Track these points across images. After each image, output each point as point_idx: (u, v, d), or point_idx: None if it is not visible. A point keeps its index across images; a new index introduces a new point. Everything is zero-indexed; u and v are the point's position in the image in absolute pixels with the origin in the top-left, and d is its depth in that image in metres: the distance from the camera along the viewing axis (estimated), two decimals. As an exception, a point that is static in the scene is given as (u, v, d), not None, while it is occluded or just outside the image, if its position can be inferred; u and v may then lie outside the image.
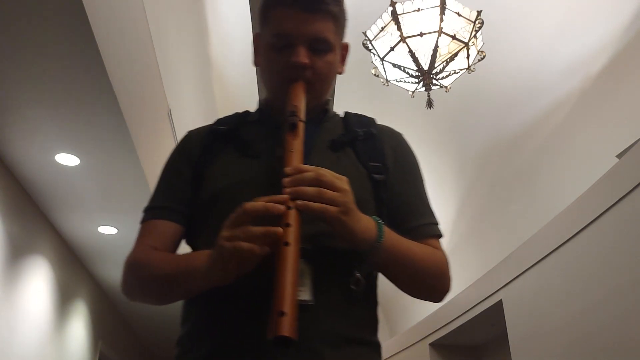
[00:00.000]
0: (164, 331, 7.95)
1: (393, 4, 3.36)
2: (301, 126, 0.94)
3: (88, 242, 4.79)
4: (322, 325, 0.87)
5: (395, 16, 3.32)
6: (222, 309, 0.89)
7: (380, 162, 1.03)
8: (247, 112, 1.16)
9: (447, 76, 3.46)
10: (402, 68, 3.42)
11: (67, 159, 3.49)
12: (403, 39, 3.31)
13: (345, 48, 1.11)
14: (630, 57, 3.50)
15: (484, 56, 3.49)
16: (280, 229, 0.78)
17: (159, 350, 9.45)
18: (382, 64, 3.49)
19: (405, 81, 3.53)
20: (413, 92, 3.61)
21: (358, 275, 0.91)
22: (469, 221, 5.39)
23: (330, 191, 0.83)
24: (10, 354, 3.85)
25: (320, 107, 1.09)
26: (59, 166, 3.56)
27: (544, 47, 4.03)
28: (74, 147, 3.37)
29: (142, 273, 0.96)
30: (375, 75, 3.66)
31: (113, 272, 5.59)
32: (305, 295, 0.85)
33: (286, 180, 0.83)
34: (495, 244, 4.77)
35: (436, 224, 1.07)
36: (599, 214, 2.64)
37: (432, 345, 4.59)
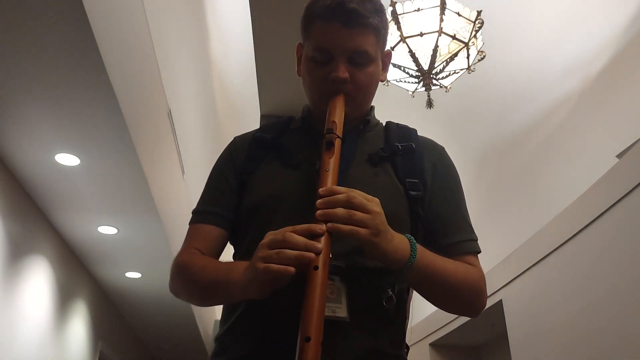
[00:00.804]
0: (164, 331, 7.95)
1: (393, 4, 3.37)
2: (338, 143, 0.95)
3: (88, 242, 4.79)
4: (354, 342, 0.90)
5: (395, 16, 3.32)
6: (261, 312, 0.93)
7: (418, 178, 1.04)
8: (290, 118, 1.18)
9: (447, 76, 3.46)
10: (402, 68, 3.43)
11: (67, 159, 3.49)
12: (403, 39, 3.32)
13: (388, 55, 1.12)
14: (630, 58, 3.50)
15: (484, 56, 3.49)
16: (312, 255, 0.80)
17: (159, 350, 9.45)
18: (382, 64, 3.49)
19: (405, 81, 3.53)
20: (413, 92, 3.61)
21: (391, 292, 0.94)
22: (469, 221, 5.39)
23: (360, 213, 0.84)
24: (11, 353, 3.85)
25: (362, 117, 1.11)
26: (59, 166, 3.56)
27: (544, 47, 4.03)
28: (74, 147, 3.37)
29: (185, 277, 1.01)
30: (375, 75, 3.66)
31: (113, 272, 5.59)
32: (342, 312, 0.88)
33: (319, 202, 0.86)
34: (495, 244, 4.77)
35: (475, 240, 1.07)
36: (599, 213, 2.64)
37: (432, 345, 4.60)
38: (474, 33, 3.34)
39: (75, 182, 3.76)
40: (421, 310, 5.37)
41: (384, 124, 1.16)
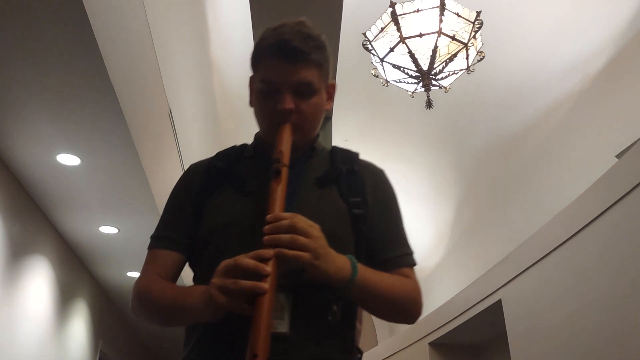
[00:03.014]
0: (164, 331, 7.95)
1: (393, 5, 3.37)
2: (285, 172, 1.03)
3: (89, 242, 4.80)
4: (296, 354, 0.98)
5: (394, 17, 3.33)
6: (216, 334, 1.01)
7: (360, 197, 1.13)
8: (244, 145, 1.24)
9: (446, 77, 3.47)
10: (401, 69, 3.43)
11: (68, 159, 3.49)
12: (402, 40, 3.32)
13: (332, 87, 1.20)
14: (629, 58, 3.51)
15: (483, 57, 3.50)
16: (266, 286, 0.88)
17: (159, 350, 9.46)
18: (382, 64, 3.50)
19: (404, 82, 3.54)
20: (412, 92, 3.62)
21: (335, 308, 1.03)
22: (469, 221, 5.40)
23: (303, 238, 0.93)
24: (11, 353, 3.86)
25: (309, 145, 1.19)
26: (59, 166, 3.56)
27: (544, 47, 4.04)
28: (75, 147, 3.38)
29: (145, 301, 1.08)
30: (375, 75, 3.67)
31: (113, 272, 5.60)
32: (283, 327, 0.97)
33: (266, 228, 0.94)
34: (495, 244, 4.77)
35: (410, 254, 1.16)
36: (598, 213, 2.65)
37: (431, 344, 4.60)
38: (473, 34, 3.35)
39: (75, 182, 3.77)
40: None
41: (329, 150, 1.24)
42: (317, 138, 1.22)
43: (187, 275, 1.15)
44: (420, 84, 3.46)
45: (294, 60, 1.07)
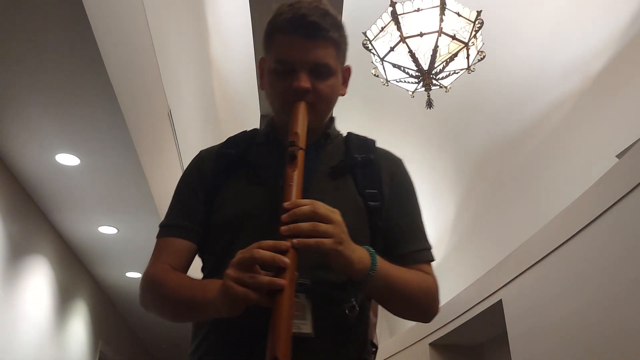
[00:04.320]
0: (164, 331, 7.95)
1: (393, 4, 3.37)
2: (301, 155, 0.97)
3: (88, 242, 4.79)
4: (320, 354, 0.94)
5: (395, 16, 3.32)
6: (228, 329, 0.97)
7: (376, 189, 1.08)
8: (255, 130, 1.20)
9: (447, 76, 3.46)
10: (402, 68, 3.43)
11: (67, 159, 3.49)
12: (403, 39, 3.31)
13: (347, 71, 1.15)
14: (629, 58, 3.51)
15: (484, 56, 3.49)
16: (284, 282, 0.82)
17: (159, 350, 9.45)
18: (382, 64, 3.49)
19: (405, 81, 3.53)
20: (413, 92, 3.61)
21: (354, 302, 0.98)
22: (469, 221, 5.39)
23: (324, 224, 0.87)
24: (11, 353, 3.85)
25: (323, 130, 1.14)
26: (59, 166, 3.56)
27: (544, 47, 4.03)
28: (74, 147, 3.37)
29: (158, 292, 1.02)
30: (375, 75, 3.66)
31: (113, 272, 5.59)
32: (307, 328, 0.92)
33: (284, 216, 0.88)
34: (495, 244, 4.77)
35: (429, 249, 1.11)
36: (598, 214, 2.64)
37: (432, 345, 4.60)
38: (473, 33, 3.34)
39: (75, 182, 3.76)
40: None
41: (344, 135, 1.19)
42: (331, 123, 1.17)
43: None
44: (421, 84, 3.45)
45: (312, 36, 1.02)
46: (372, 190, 1.07)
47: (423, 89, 3.49)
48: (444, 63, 3.37)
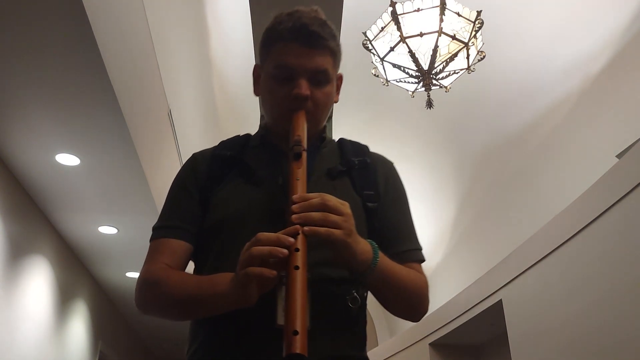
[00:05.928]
0: (164, 331, 7.95)
1: (393, 4, 3.37)
2: (304, 155, 1.00)
3: (88, 242, 4.80)
4: (318, 347, 0.93)
5: (395, 16, 3.33)
6: (226, 329, 0.97)
7: (373, 191, 1.12)
8: (247, 135, 1.22)
9: (447, 76, 3.46)
10: (402, 68, 3.43)
11: (68, 159, 3.49)
12: (403, 39, 3.32)
13: (340, 78, 1.18)
14: (629, 58, 3.51)
15: (484, 56, 3.49)
16: (285, 250, 0.84)
17: (159, 350, 9.45)
18: (382, 64, 3.49)
19: (405, 81, 3.53)
20: (413, 92, 3.61)
21: (355, 294, 1.00)
22: (469, 221, 5.39)
23: (334, 215, 0.90)
24: (11, 353, 3.85)
25: (318, 135, 1.16)
26: (59, 166, 3.56)
27: (544, 47, 4.03)
28: (74, 147, 3.37)
29: (160, 291, 1.00)
30: (375, 75, 3.66)
31: (113, 272, 5.59)
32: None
33: (295, 206, 0.90)
34: (495, 244, 4.77)
35: (420, 249, 1.15)
36: (599, 213, 2.64)
37: (432, 344, 4.60)
38: (473, 33, 3.34)
39: (75, 182, 3.76)
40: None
41: (336, 140, 1.22)
42: (325, 129, 1.20)
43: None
44: (421, 84, 3.45)
45: (313, 45, 1.05)
46: (369, 192, 1.11)
47: (423, 89, 3.49)
48: (444, 63, 3.37)
